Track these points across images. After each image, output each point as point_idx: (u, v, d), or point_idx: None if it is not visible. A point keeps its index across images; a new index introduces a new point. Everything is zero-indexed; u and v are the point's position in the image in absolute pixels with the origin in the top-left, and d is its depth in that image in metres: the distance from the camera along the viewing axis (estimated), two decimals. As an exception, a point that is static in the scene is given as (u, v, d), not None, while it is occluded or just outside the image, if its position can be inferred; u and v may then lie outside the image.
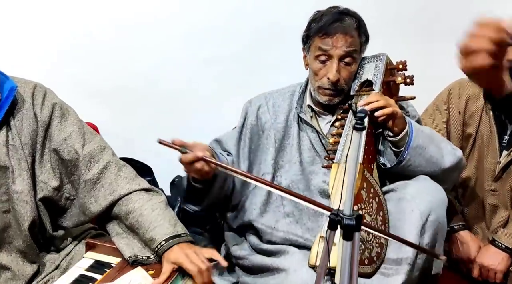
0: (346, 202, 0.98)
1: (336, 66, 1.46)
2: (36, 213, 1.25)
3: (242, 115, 1.64)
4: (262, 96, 1.66)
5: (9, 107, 1.21)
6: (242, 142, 1.60)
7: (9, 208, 1.23)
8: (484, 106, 1.70)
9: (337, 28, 1.44)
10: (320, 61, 1.48)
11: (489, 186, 1.71)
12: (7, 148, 1.22)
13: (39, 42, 2.02)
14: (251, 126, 1.60)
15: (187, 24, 2.11)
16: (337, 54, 1.45)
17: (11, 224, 1.24)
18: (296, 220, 1.52)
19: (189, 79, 2.19)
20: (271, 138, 1.57)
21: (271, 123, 1.58)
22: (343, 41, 1.44)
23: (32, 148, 1.26)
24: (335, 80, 1.47)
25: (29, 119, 1.25)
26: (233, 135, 1.61)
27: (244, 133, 1.60)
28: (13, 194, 1.22)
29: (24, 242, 1.25)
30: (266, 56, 2.13)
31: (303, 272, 1.35)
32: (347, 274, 0.99)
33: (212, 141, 1.63)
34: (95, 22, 2.05)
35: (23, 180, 1.23)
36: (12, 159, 1.22)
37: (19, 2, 1.99)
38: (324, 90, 1.50)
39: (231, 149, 1.59)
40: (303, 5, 1.70)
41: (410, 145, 1.40)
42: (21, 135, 1.24)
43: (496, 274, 1.64)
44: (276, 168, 1.57)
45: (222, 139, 1.62)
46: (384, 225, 1.36)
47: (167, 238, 1.21)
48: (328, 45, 1.45)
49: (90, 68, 2.10)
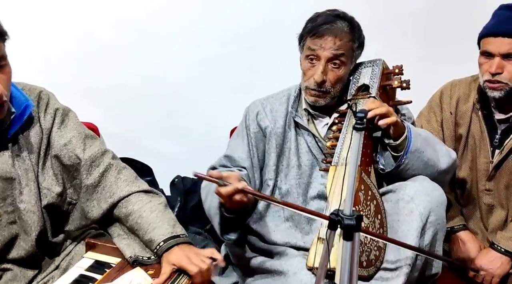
0: (346, 202, 0.98)
1: (322, 68, 1.45)
2: (43, 222, 1.26)
3: (243, 125, 1.62)
4: (258, 103, 1.64)
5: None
6: (251, 153, 1.58)
7: (15, 220, 1.23)
8: (474, 106, 1.71)
9: (327, 30, 1.44)
10: (309, 61, 1.48)
11: (483, 186, 1.71)
12: (13, 159, 1.22)
13: (39, 42, 2.02)
14: (254, 135, 1.59)
15: (187, 23, 2.11)
16: (324, 56, 1.45)
17: (17, 235, 1.24)
18: (296, 224, 1.52)
19: (189, 79, 2.19)
20: (272, 143, 1.57)
21: (271, 128, 1.57)
22: (331, 43, 1.44)
23: (37, 156, 1.26)
24: (320, 81, 1.46)
25: (35, 128, 1.26)
26: (242, 148, 1.58)
27: (251, 143, 1.59)
28: (20, 204, 1.22)
29: (29, 251, 1.25)
30: (266, 56, 2.13)
31: (303, 275, 1.35)
32: (347, 274, 0.99)
33: (223, 157, 1.60)
34: (96, 22, 2.05)
35: (31, 191, 1.23)
36: (19, 170, 1.22)
37: (18, 2, 1.99)
38: (310, 91, 1.50)
39: (245, 163, 1.56)
40: (303, 5, 1.70)
41: (409, 149, 1.40)
42: (28, 145, 1.24)
43: (493, 278, 1.64)
44: (277, 173, 1.57)
45: (233, 155, 1.58)
46: (382, 228, 1.36)
47: (165, 239, 1.20)
48: (316, 46, 1.45)
49: (90, 68, 2.10)
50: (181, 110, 2.22)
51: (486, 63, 1.60)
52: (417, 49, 2.17)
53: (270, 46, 2.11)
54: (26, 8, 1.99)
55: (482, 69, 1.62)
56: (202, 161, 2.23)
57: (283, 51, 1.56)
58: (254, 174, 1.56)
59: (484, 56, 1.61)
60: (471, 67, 1.81)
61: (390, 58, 1.56)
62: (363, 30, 1.52)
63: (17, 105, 1.21)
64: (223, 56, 2.14)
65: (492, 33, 1.58)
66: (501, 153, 1.65)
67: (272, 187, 1.55)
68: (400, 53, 1.68)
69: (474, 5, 2.12)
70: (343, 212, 0.98)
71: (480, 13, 1.94)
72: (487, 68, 1.59)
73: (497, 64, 1.56)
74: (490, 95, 1.61)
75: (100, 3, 2.04)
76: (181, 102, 2.21)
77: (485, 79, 1.60)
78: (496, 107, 1.66)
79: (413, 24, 2.16)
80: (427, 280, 1.45)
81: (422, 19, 2.16)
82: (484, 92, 1.64)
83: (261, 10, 2.12)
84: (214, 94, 2.20)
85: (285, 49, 1.55)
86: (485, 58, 1.60)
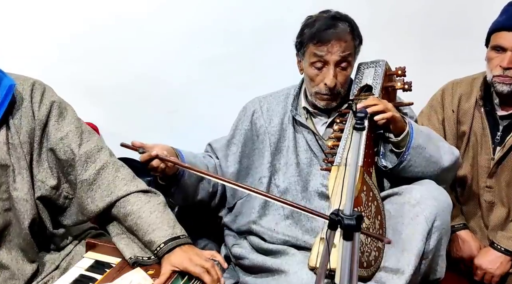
0: (346, 202, 0.98)
1: (333, 72, 1.46)
2: (36, 211, 1.25)
3: (236, 120, 1.68)
4: (256, 101, 1.67)
5: (8, 105, 1.20)
6: (233, 146, 1.63)
7: (10, 207, 1.23)
8: (476, 104, 1.72)
9: (331, 34, 1.44)
10: (316, 68, 1.48)
11: (484, 183, 1.72)
12: (7, 147, 1.21)
13: (39, 41, 2.02)
14: (245, 132, 1.62)
15: (187, 23, 2.11)
16: (333, 60, 1.45)
17: (11, 223, 1.24)
18: (296, 222, 1.52)
19: (189, 79, 2.19)
20: (266, 142, 1.58)
21: (265, 128, 1.59)
22: (337, 47, 1.44)
23: (30, 146, 1.24)
24: (333, 86, 1.47)
25: (27, 117, 1.24)
26: (225, 139, 1.66)
27: (237, 138, 1.63)
28: (13, 192, 1.22)
29: (24, 241, 1.24)
30: (266, 56, 2.13)
31: (303, 274, 1.35)
32: (347, 274, 0.99)
33: (207, 145, 1.71)
34: (96, 22, 2.05)
35: (23, 179, 1.22)
36: (12, 158, 1.22)
37: (18, 1, 1.98)
38: (322, 96, 1.50)
39: (218, 152, 1.65)
40: (303, 5, 1.70)
41: (411, 145, 1.40)
42: (19, 134, 1.23)
43: (492, 277, 1.64)
44: (273, 171, 1.57)
45: (212, 143, 1.70)
46: (381, 229, 1.37)
47: (166, 241, 1.20)
48: (323, 52, 1.45)
49: (90, 68, 2.09)
50: (181, 110, 2.22)
51: (497, 57, 1.60)
52: (417, 49, 2.17)
53: (270, 46, 2.11)
54: (26, 7, 1.99)
55: (492, 63, 1.62)
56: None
57: (283, 51, 1.55)
58: (228, 167, 1.62)
59: (494, 51, 1.61)
60: (471, 67, 1.82)
61: (389, 58, 1.56)
62: (363, 31, 1.53)
63: (3, 86, 1.20)
64: (223, 56, 2.14)
65: (504, 27, 1.58)
66: (503, 149, 1.66)
67: (267, 184, 1.57)
68: (400, 54, 1.69)
69: (474, 5, 2.12)
70: (343, 212, 0.98)
71: (480, 14, 1.94)
72: (498, 62, 1.59)
73: (509, 58, 1.56)
74: (499, 89, 1.60)
75: (100, 2, 2.04)
76: (181, 102, 2.21)
77: (495, 74, 1.60)
78: (500, 103, 1.66)
79: (413, 24, 2.16)
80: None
81: (422, 19, 2.16)
82: (488, 89, 1.64)
83: (261, 10, 2.12)
84: (214, 94, 2.20)
85: (285, 49, 1.55)
86: (496, 52, 1.60)
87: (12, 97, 1.21)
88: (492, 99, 1.68)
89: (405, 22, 2.15)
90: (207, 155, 1.68)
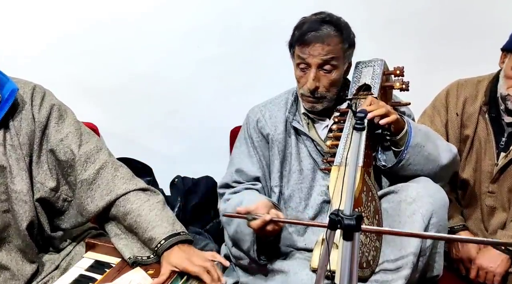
0: (346, 202, 0.98)
1: (313, 75, 1.45)
2: (35, 213, 1.25)
3: (245, 135, 1.63)
4: (257, 110, 1.64)
5: (9, 108, 1.22)
6: (260, 163, 1.59)
7: (8, 208, 1.23)
8: (481, 108, 1.70)
9: (312, 37, 1.42)
10: (300, 69, 1.48)
11: (487, 188, 1.71)
12: (5, 148, 1.22)
13: (38, 41, 2.02)
14: (258, 144, 1.60)
15: (186, 23, 2.11)
16: (314, 63, 1.44)
17: (10, 224, 1.24)
18: (298, 229, 1.52)
19: (188, 79, 2.19)
20: (275, 150, 1.57)
21: (273, 135, 1.57)
22: (319, 50, 1.42)
23: (29, 148, 1.26)
24: (312, 88, 1.46)
25: (27, 120, 1.26)
26: (250, 160, 1.59)
27: (258, 153, 1.59)
28: (12, 193, 1.22)
29: (23, 242, 1.25)
30: (265, 56, 2.13)
31: (303, 275, 1.35)
32: (347, 274, 0.99)
33: (234, 172, 1.60)
34: (95, 22, 2.05)
35: (22, 180, 1.23)
36: (10, 159, 1.23)
37: (17, 1, 1.98)
38: (307, 98, 1.50)
39: (256, 174, 1.58)
40: (303, 5, 1.70)
41: (410, 143, 1.40)
42: (19, 135, 1.24)
43: (494, 276, 1.64)
44: (282, 179, 1.57)
45: (243, 169, 1.58)
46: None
47: (166, 237, 1.20)
48: (305, 54, 1.44)
49: (90, 68, 2.09)
50: (181, 110, 2.22)
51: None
52: (416, 49, 2.16)
53: (270, 46, 2.10)
54: (25, 7, 1.99)
55: (509, 83, 1.58)
56: (202, 161, 2.25)
57: (282, 51, 1.55)
58: (266, 183, 1.57)
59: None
60: (470, 67, 1.81)
61: (388, 58, 1.56)
62: (362, 31, 1.52)
63: (6, 90, 1.22)
64: (223, 56, 2.14)
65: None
66: (507, 156, 1.64)
67: (278, 193, 1.56)
68: (398, 54, 1.68)
69: (474, 5, 2.12)
70: (343, 212, 0.98)
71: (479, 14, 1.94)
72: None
73: None
74: (510, 106, 1.59)
75: (99, 2, 2.04)
76: (181, 102, 2.21)
77: (511, 93, 1.57)
78: (505, 110, 1.64)
79: (412, 24, 2.16)
80: (428, 282, 1.45)
81: (421, 19, 2.16)
82: (493, 94, 1.63)
83: (261, 10, 2.12)
84: (214, 94, 2.20)
85: (285, 49, 1.55)
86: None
87: (14, 101, 1.23)
88: (498, 105, 1.67)
89: (404, 22, 2.15)
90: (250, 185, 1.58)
